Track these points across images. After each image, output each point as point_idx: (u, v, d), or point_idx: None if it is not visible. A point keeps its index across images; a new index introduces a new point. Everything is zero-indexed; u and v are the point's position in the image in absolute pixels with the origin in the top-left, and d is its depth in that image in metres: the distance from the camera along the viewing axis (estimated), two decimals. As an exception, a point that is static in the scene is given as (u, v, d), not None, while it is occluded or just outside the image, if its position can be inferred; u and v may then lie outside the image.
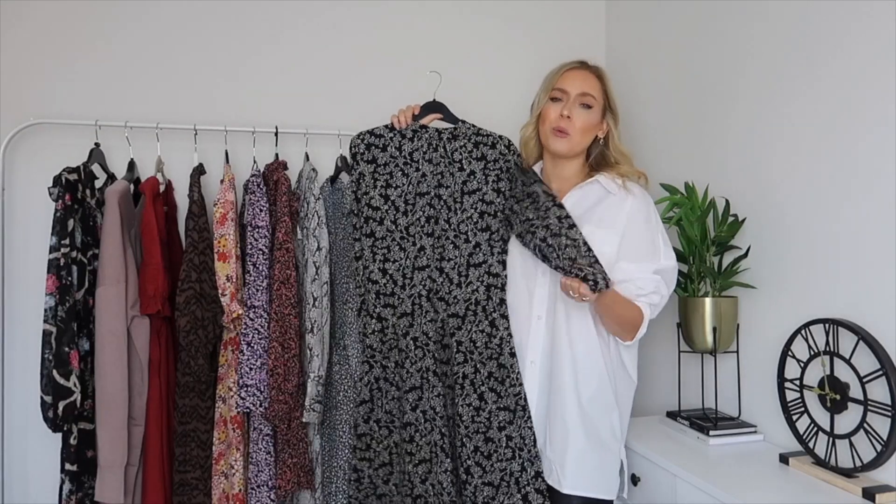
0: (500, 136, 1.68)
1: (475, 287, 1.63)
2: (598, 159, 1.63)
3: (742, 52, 1.72)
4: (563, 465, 1.51)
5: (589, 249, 1.49)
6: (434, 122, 1.70)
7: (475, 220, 1.65)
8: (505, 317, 1.61)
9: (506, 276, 1.63)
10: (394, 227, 1.66)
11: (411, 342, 1.63)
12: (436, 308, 1.63)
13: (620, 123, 1.63)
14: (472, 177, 1.65)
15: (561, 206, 1.54)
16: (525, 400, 1.56)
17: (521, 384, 1.57)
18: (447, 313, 1.63)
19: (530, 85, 1.63)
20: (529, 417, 1.56)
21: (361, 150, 1.67)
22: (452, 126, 1.69)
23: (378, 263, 1.65)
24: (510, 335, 1.60)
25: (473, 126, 1.68)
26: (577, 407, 1.51)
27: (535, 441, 1.55)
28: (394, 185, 1.67)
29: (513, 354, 1.58)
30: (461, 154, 1.66)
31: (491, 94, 2.29)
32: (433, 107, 1.70)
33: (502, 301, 1.62)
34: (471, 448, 1.56)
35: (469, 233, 1.64)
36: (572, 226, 1.51)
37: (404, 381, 1.63)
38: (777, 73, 1.61)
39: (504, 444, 1.56)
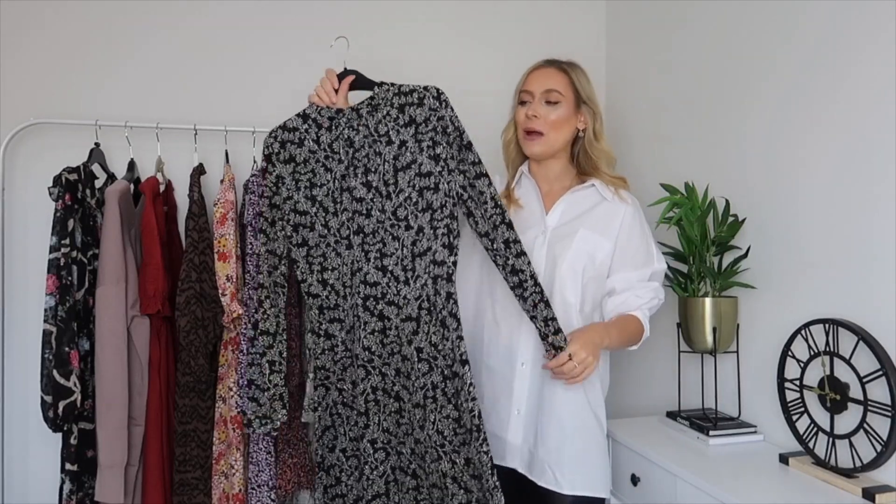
0: (427, 88, 1.41)
1: (423, 281, 1.38)
2: (582, 157, 1.62)
3: (742, 53, 1.72)
4: (561, 464, 1.49)
5: (536, 283, 1.37)
6: (351, 90, 1.52)
7: (414, 199, 1.39)
8: (454, 316, 1.38)
9: (452, 262, 1.39)
10: (326, 230, 1.45)
11: (354, 360, 1.42)
12: (383, 314, 1.40)
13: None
14: (403, 148, 1.40)
15: (510, 226, 1.38)
16: (479, 418, 1.36)
17: (474, 399, 1.36)
18: (399, 318, 1.39)
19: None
20: (485, 440, 1.37)
21: (276, 150, 1.48)
22: (369, 94, 1.46)
23: (316, 275, 1.45)
24: (460, 338, 1.38)
25: (393, 85, 1.44)
26: (573, 405, 1.51)
27: (492, 465, 1.37)
28: (318, 184, 1.45)
29: (464, 362, 1.37)
30: (386, 125, 1.41)
31: (490, 95, 2.29)
32: (346, 77, 1.53)
33: (449, 296, 1.37)
34: (449, 465, 1.35)
35: (409, 217, 1.39)
36: (521, 253, 1.37)
37: (356, 405, 1.44)
38: (777, 72, 1.61)
39: (474, 463, 1.35)
